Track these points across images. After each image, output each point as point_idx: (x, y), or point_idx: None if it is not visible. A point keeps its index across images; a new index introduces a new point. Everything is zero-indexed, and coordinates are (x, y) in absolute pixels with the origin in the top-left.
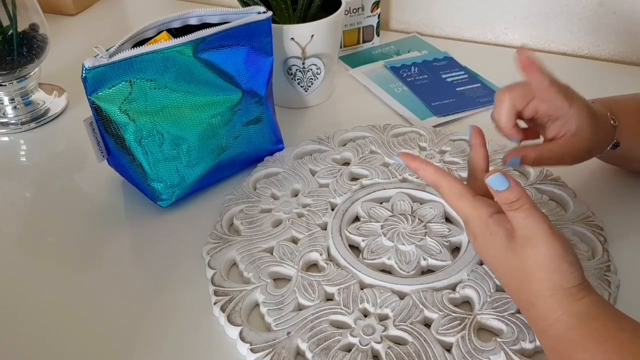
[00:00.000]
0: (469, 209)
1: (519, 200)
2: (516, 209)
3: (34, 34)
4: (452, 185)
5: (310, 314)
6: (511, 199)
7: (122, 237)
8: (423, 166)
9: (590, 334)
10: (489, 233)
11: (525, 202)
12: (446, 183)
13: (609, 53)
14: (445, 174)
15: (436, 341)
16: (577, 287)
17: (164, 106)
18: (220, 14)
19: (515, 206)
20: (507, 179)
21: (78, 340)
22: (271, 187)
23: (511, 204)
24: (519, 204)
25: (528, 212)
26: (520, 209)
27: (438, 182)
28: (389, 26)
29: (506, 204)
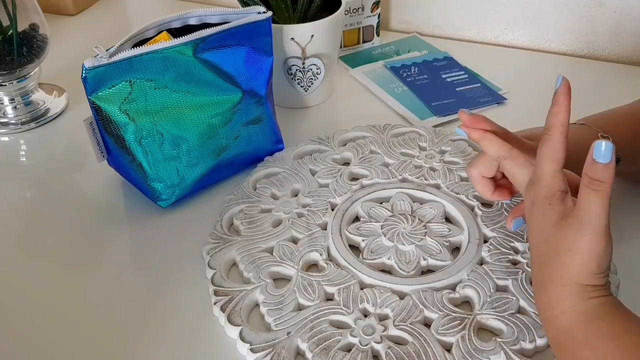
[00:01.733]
0: (549, 173)
1: (604, 183)
2: (594, 190)
3: (34, 34)
4: (559, 144)
5: (310, 314)
6: (600, 177)
7: (122, 237)
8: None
9: (595, 333)
10: (548, 203)
11: (606, 190)
12: (558, 137)
13: (609, 53)
14: (566, 133)
15: (436, 341)
16: (594, 287)
17: (164, 106)
18: (220, 14)
19: (597, 186)
20: (613, 155)
21: (78, 340)
22: (271, 187)
23: (595, 181)
24: (601, 187)
25: (601, 200)
26: (598, 192)
27: (554, 130)
28: (389, 26)
29: (591, 179)
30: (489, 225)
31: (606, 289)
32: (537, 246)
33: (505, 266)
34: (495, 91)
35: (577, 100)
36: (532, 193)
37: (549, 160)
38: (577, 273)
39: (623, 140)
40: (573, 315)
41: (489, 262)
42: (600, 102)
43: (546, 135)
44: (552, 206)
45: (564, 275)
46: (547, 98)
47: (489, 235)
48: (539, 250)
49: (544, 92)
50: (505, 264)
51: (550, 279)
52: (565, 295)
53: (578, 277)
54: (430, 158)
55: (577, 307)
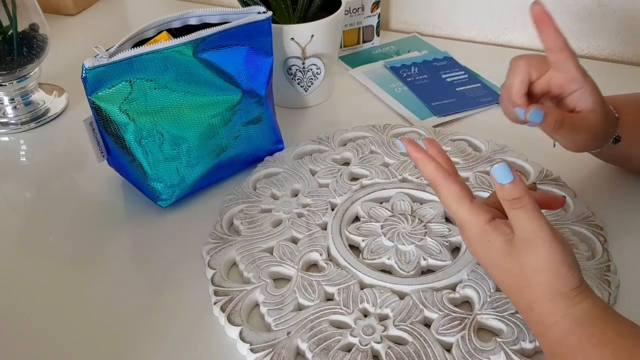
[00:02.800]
0: (466, 214)
1: (522, 198)
2: (518, 208)
3: (34, 34)
4: (451, 187)
5: (310, 314)
6: (514, 195)
7: (122, 237)
8: (425, 160)
9: (588, 339)
10: (486, 240)
11: (528, 202)
12: (444, 184)
13: (609, 53)
14: (445, 174)
15: (436, 341)
16: (576, 290)
17: (164, 106)
18: (220, 14)
19: (518, 204)
20: (512, 172)
21: (78, 340)
22: (271, 187)
23: (513, 201)
24: (521, 203)
25: (530, 213)
26: (523, 208)
27: (436, 181)
28: (389, 26)
29: (508, 201)
30: None
31: (586, 287)
32: (502, 280)
33: None
34: (495, 91)
35: None
36: (466, 236)
37: (455, 204)
38: (555, 285)
39: (625, 121)
40: (565, 325)
41: None
42: None
43: (435, 187)
44: (492, 241)
45: (545, 293)
46: None
47: None
48: (507, 283)
49: None
50: None
51: (533, 300)
52: (554, 308)
53: (557, 288)
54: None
55: (568, 316)
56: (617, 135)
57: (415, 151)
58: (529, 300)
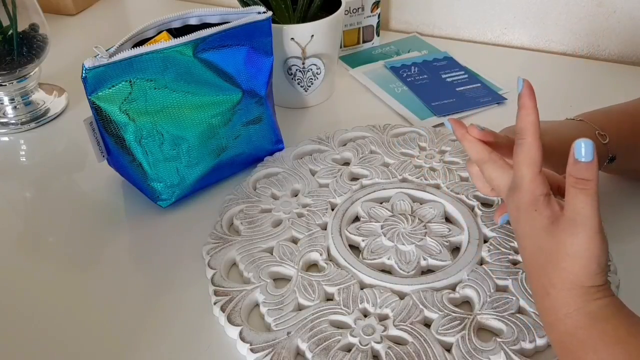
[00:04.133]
0: (529, 178)
1: (590, 182)
2: (581, 189)
3: (34, 34)
4: (534, 147)
5: (310, 314)
6: (585, 175)
7: (122, 237)
8: (531, 110)
9: (599, 335)
10: (534, 208)
11: (593, 188)
12: (531, 140)
13: (609, 53)
14: (538, 134)
15: (436, 341)
16: (596, 288)
17: (164, 106)
18: (220, 14)
19: (583, 185)
20: (595, 153)
21: (78, 340)
22: (271, 187)
23: (579, 180)
24: (587, 185)
25: (590, 199)
26: (586, 191)
27: (526, 134)
28: (389, 26)
29: (576, 179)
30: (489, 225)
31: (607, 288)
32: (530, 253)
33: (505, 266)
34: (495, 91)
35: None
36: (515, 200)
37: (526, 165)
38: (579, 276)
39: (620, 138)
40: (578, 318)
41: (489, 262)
42: (600, 102)
43: (519, 140)
44: (539, 212)
45: (565, 280)
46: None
47: (489, 235)
48: (534, 258)
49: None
50: (505, 264)
51: (552, 284)
52: (570, 299)
53: (580, 280)
54: (430, 158)
55: (581, 310)
56: (611, 155)
57: (528, 98)
58: (548, 283)
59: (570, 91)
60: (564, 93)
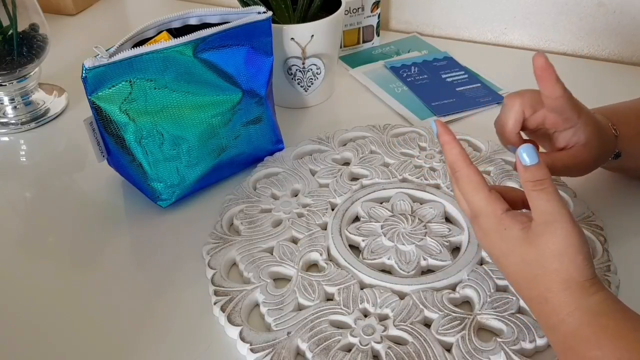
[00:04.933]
0: (483, 202)
1: (545, 180)
2: (540, 190)
3: (34, 34)
4: (471, 174)
5: (310, 314)
6: (537, 177)
7: (122, 237)
8: (452, 144)
9: (603, 331)
10: (502, 228)
11: (550, 185)
12: (465, 170)
13: (609, 53)
14: (468, 161)
15: (436, 341)
16: (590, 282)
17: (164, 106)
18: (220, 14)
19: (540, 186)
20: (538, 154)
21: (78, 340)
22: (271, 187)
23: (536, 182)
24: (543, 185)
25: (552, 196)
26: (544, 190)
27: (456, 166)
28: (389, 26)
29: (531, 182)
30: None
31: (598, 280)
32: (515, 270)
33: None
34: (495, 91)
35: None
36: (480, 225)
37: (473, 192)
38: (570, 273)
39: (625, 135)
40: (580, 316)
41: (489, 262)
42: (600, 102)
43: (455, 174)
44: (509, 228)
45: (560, 281)
46: None
47: None
48: (520, 272)
49: None
50: None
51: (548, 289)
52: (569, 299)
53: (572, 276)
54: (430, 158)
55: (582, 307)
56: (617, 151)
57: (445, 134)
58: (543, 289)
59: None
60: None
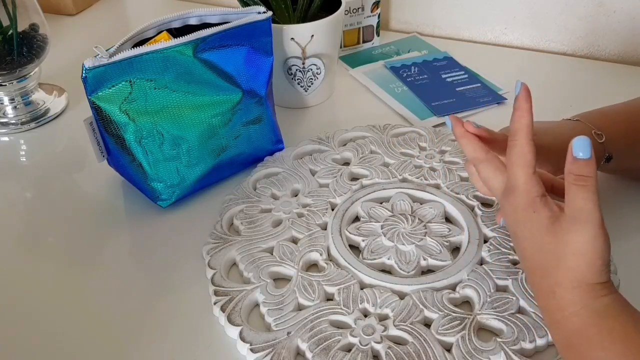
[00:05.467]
0: (524, 179)
1: (590, 178)
2: (581, 185)
3: (34, 34)
4: (527, 149)
5: (310, 314)
6: (585, 172)
7: (122, 237)
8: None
9: (608, 332)
10: (532, 210)
11: (593, 184)
12: (524, 141)
13: (609, 53)
14: (531, 137)
15: (436, 341)
16: (601, 285)
17: (164, 106)
18: (220, 14)
19: (583, 182)
20: (592, 150)
21: (78, 340)
22: (271, 187)
23: (579, 177)
24: (587, 182)
25: (591, 196)
26: (586, 187)
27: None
28: (389, 26)
29: (575, 176)
30: (489, 225)
31: (611, 284)
32: (531, 255)
33: (505, 266)
34: (495, 91)
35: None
36: (511, 202)
37: (519, 166)
38: (585, 274)
39: (616, 138)
40: (585, 315)
41: (489, 262)
42: (600, 102)
43: (512, 141)
44: (538, 213)
45: (572, 279)
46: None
47: (489, 235)
48: (535, 259)
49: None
50: (505, 264)
51: (557, 283)
52: (576, 297)
53: (586, 277)
54: (430, 158)
55: (588, 308)
56: (607, 155)
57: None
58: (553, 283)
59: (570, 91)
60: (563, 93)
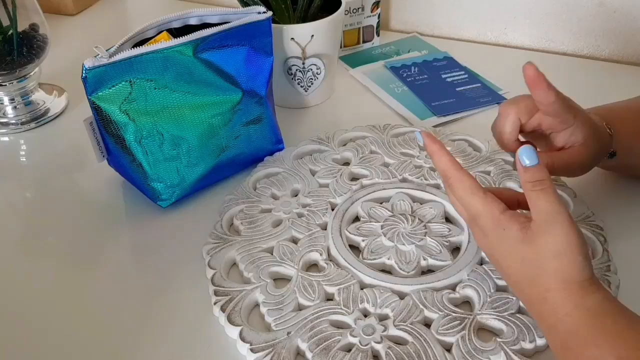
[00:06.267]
0: (480, 204)
1: (544, 181)
2: (539, 190)
3: (34, 34)
4: (464, 178)
5: (310, 314)
6: (537, 177)
7: (122, 237)
8: (440, 152)
9: (601, 330)
10: (501, 228)
11: (549, 185)
12: (458, 176)
13: (609, 53)
14: (459, 166)
15: (436, 341)
16: (589, 282)
17: (164, 106)
18: (220, 14)
19: (540, 186)
20: (537, 156)
21: (78, 340)
22: (271, 187)
23: (535, 183)
24: (543, 185)
25: (551, 196)
26: (544, 190)
27: (449, 173)
28: (389, 26)
29: (531, 182)
30: None
31: (597, 281)
32: (515, 270)
33: None
34: (495, 91)
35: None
36: (480, 227)
37: (469, 196)
38: (570, 272)
39: (621, 134)
40: (578, 315)
41: (489, 262)
42: (600, 102)
43: (447, 181)
44: (508, 229)
45: (559, 281)
46: None
47: None
48: (520, 272)
49: None
50: None
51: (547, 289)
52: (568, 298)
53: (572, 276)
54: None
55: (581, 306)
56: (612, 150)
57: (432, 143)
58: (542, 289)
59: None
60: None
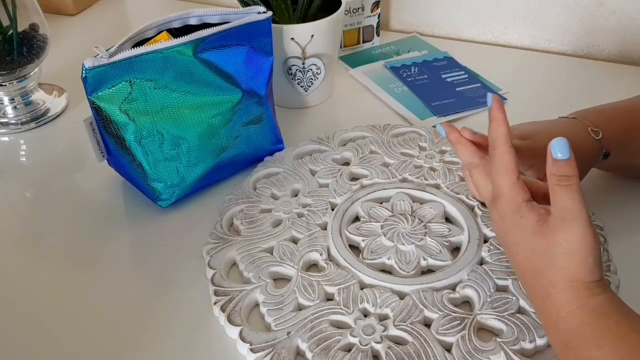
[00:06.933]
0: (508, 186)
1: (572, 177)
2: (564, 185)
3: (34, 34)
4: (508, 156)
5: (310, 314)
6: (566, 172)
7: (122, 237)
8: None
9: (603, 331)
10: (519, 216)
11: (576, 183)
12: (504, 150)
13: (608, 53)
14: (510, 143)
15: (436, 341)
16: (596, 283)
17: (164, 106)
18: (220, 14)
19: (566, 182)
20: (571, 150)
21: (78, 340)
22: (271, 187)
23: (562, 177)
24: (569, 181)
25: (575, 194)
26: (569, 187)
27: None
28: (389, 26)
29: (557, 176)
30: (489, 225)
31: (605, 282)
32: (523, 259)
33: (505, 266)
34: (495, 91)
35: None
36: (498, 209)
37: (502, 174)
38: (578, 273)
39: (613, 135)
40: (581, 314)
41: (489, 262)
42: (599, 102)
43: (492, 151)
44: (525, 218)
45: (565, 279)
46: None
47: (489, 235)
48: (528, 262)
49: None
50: (505, 264)
51: (552, 284)
52: (572, 297)
53: (580, 276)
54: (430, 158)
55: (584, 307)
56: (605, 151)
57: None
58: (548, 284)
59: (570, 91)
60: (563, 93)
